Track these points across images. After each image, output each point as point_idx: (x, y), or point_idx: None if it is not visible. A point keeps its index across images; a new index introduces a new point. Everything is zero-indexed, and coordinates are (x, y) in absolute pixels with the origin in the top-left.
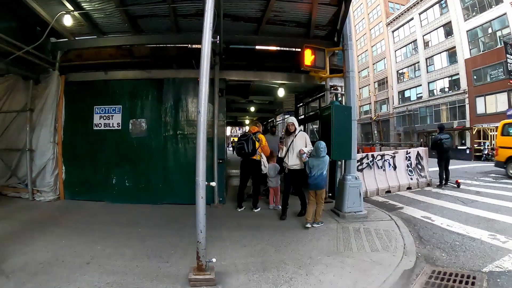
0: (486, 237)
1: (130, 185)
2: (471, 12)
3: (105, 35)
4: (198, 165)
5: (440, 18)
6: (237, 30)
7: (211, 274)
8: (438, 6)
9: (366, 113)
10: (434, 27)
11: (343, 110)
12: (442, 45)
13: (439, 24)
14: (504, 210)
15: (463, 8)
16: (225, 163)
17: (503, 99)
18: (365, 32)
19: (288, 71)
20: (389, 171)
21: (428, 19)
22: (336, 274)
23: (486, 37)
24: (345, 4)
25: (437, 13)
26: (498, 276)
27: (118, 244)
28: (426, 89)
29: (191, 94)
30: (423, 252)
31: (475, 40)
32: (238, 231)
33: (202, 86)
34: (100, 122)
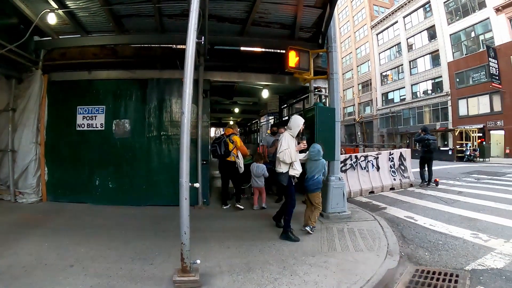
0: (468, 236)
1: (113, 187)
2: (455, 16)
3: (89, 34)
4: (181, 166)
5: (424, 22)
6: (222, 31)
7: (195, 275)
8: (422, 10)
9: (350, 115)
10: (418, 30)
11: (327, 111)
12: (426, 48)
13: (423, 27)
14: (486, 209)
15: (447, 12)
16: (209, 164)
17: (485, 101)
18: (349, 35)
19: (272, 72)
20: (372, 172)
21: (412, 23)
22: (320, 274)
23: (469, 41)
24: (330, 6)
25: (421, 16)
26: (481, 274)
27: (102, 246)
28: (410, 91)
29: (175, 94)
30: (406, 252)
31: (458, 44)
32: (223, 232)
33: (186, 87)
34: (84, 122)
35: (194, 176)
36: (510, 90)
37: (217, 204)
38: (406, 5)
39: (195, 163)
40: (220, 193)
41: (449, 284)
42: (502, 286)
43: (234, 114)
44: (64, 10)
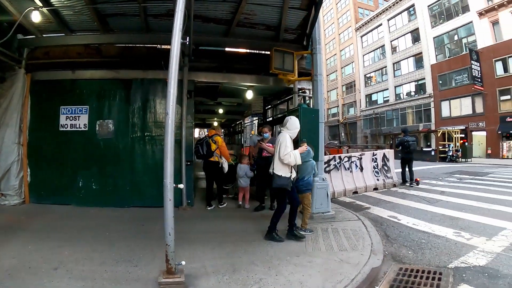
0: (451, 234)
1: (97, 188)
2: (438, 19)
3: (74, 33)
4: (165, 167)
5: (408, 25)
6: (207, 32)
7: (180, 277)
8: (407, 13)
9: (334, 116)
10: (402, 33)
11: (311, 112)
12: (409, 50)
13: (407, 30)
14: (468, 208)
15: (431, 15)
16: (193, 165)
17: (467, 103)
18: (334, 37)
19: (257, 73)
20: (356, 172)
21: (396, 25)
22: (305, 273)
23: (452, 44)
24: (315, 9)
25: (405, 19)
26: (464, 272)
27: (86, 248)
28: (393, 93)
29: (159, 95)
30: (390, 251)
31: (441, 47)
32: (207, 233)
33: (170, 87)
34: (67, 122)
35: (178, 177)
36: (492, 92)
37: (201, 205)
38: (390, 8)
39: (179, 164)
40: (205, 194)
41: (433, 281)
42: (485, 283)
43: (219, 115)
44: (48, 8)
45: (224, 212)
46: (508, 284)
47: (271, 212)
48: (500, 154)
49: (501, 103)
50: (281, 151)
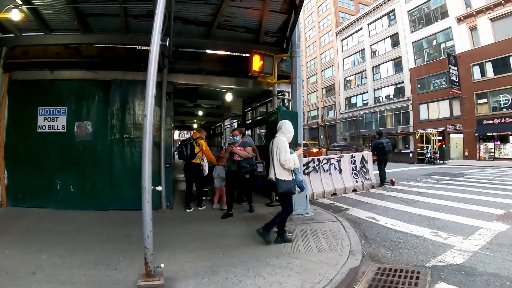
0: (428, 234)
1: (75, 191)
2: (418, 24)
3: (53, 32)
4: (144, 169)
5: (388, 29)
6: (188, 33)
7: (160, 279)
8: (387, 17)
9: (313, 118)
10: (381, 37)
11: (289, 115)
12: (389, 54)
13: (386, 34)
14: (445, 208)
15: (410, 20)
16: (172, 167)
17: (445, 106)
18: (315, 40)
19: (236, 76)
20: (335, 174)
21: (376, 30)
22: (284, 275)
23: (431, 49)
24: (295, 12)
25: (385, 24)
26: (441, 270)
27: (65, 252)
28: (372, 96)
29: (138, 96)
30: (368, 251)
31: (420, 51)
32: (187, 236)
33: (148, 89)
34: (45, 124)
35: (157, 180)
36: (469, 95)
37: (180, 208)
38: (371, 12)
39: (158, 166)
40: (184, 196)
41: (411, 280)
42: (462, 281)
43: (198, 117)
44: (28, 6)
45: (203, 215)
46: (485, 281)
47: (250, 215)
48: (477, 155)
49: (478, 107)
50: (281, 156)
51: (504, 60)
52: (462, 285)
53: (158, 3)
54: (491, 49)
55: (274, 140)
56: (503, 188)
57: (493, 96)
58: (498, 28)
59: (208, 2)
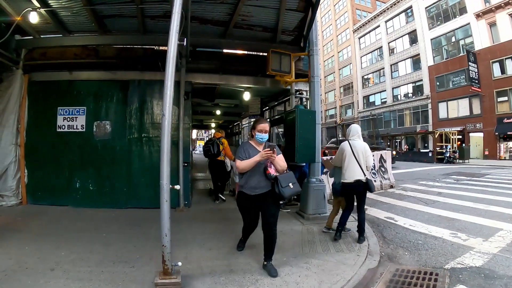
0: (447, 235)
1: (94, 189)
2: (436, 21)
3: (71, 34)
4: (162, 168)
5: (405, 26)
6: (205, 33)
7: (177, 277)
8: (404, 14)
9: (331, 117)
10: (399, 34)
11: (308, 114)
12: (407, 52)
13: (404, 32)
14: (465, 209)
15: (428, 17)
16: (190, 166)
17: (465, 104)
18: (332, 38)
19: (254, 75)
20: None
21: (394, 27)
22: (301, 275)
23: (450, 46)
24: (312, 10)
25: (403, 21)
26: (460, 272)
27: (83, 249)
28: (391, 94)
29: (156, 96)
30: (386, 252)
31: (438, 48)
32: (204, 234)
33: (167, 88)
34: (64, 124)
35: (175, 178)
36: (489, 93)
37: (198, 206)
38: (388, 9)
39: (177, 165)
40: (208, 192)
41: (429, 282)
42: (481, 284)
43: (216, 116)
44: (46, 9)
45: (221, 214)
46: (505, 284)
47: None
48: (497, 155)
49: (498, 105)
50: (369, 160)
51: None
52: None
53: (175, 4)
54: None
55: (355, 143)
56: None
57: None
58: None
59: (224, 2)
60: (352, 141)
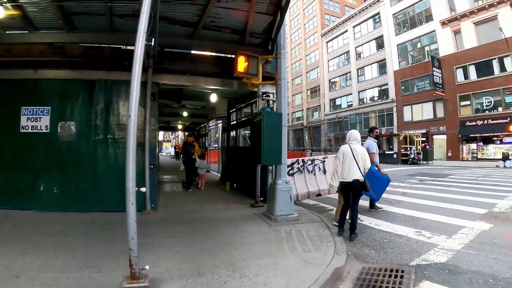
0: (412, 234)
1: (59, 192)
2: (402, 27)
3: (38, 30)
4: (127, 170)
5: (373, 32)
6: (173, 34)
7: (145, 281)
8: (372, 20)
9: (298, 119)
10: (366, 40)
11: (274, 116)
12: (373, 57)
13: (371, 37)
14: (429, 208)
15: (395, 23)
16: (156, 168)
17: (429, 108)
18: (300, 42)
19: (221, 77)
20: (319, 175)
21: (361, 32)
22: (269, 275)
23: (415, 51)
24: (280, 14)
25: (370, 27)
26: (425, 269)
27: (48, 255)
28: (357, 97)
29: (123, 97)
30: (353, 251)
31: (404, 54)
32: (171, 237)
33: (133, 89)
34: (28, 124)
35: (141, 181)
36: (452, 97)
37: (165, 209)
38: (356, 15)
39: (143, 168)
40: (183, 183)
41: (395, 279)
42: (446, 279)
43: (183, 118)
44: (13, 3)
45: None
46: (468, 279)
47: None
48: (460, 156)
49: (461, 108)
50: (367, 163)
51: (487, 63)
52: (446, 283)
53: (144, 3)
54: (475, 52)
55: (356, 147)
56: (485, 188)
57: (476, 98)
58: (481, 32)
59: (194, 3)
60: (353, 145)
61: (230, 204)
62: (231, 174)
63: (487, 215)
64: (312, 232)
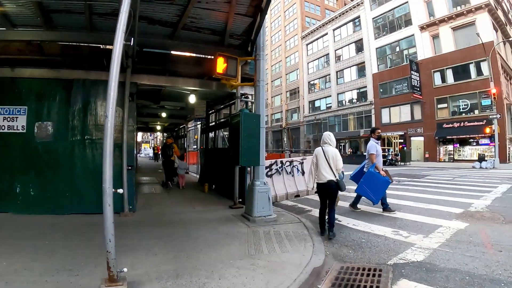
0: (389, 233)
1: (35, 194)
2: (382, 31)
3: (16, 27)
4: (104, 171)
5: (352, 35)
6: (152, 34)
7: (123, 284)
8: (352, 24)
9: (277, 121)
10: (346, 43)
11: (252, 117)
12: (352, 59)
13: (351, 40)
14: (406, 208)
15: (375, 27)
16: (135, 170)
17: (406, 110)
18: (280, 44)
19: (200, 77)
20: (298, 176)
21: (341, 35)
22: (248, 276)
23: (394, 55)
24: (260, 16)
25: (350, 30)
26: (403, 267)
27: (26, 258)
28: (336, 99)
29: (101, 97)
30: (331, 251)
31: (383, 57)
32: (150, 240)
33: (110, 89)
34: (4, 124)
35: (119, 182)
36: (430, 100)
37: (143, 211)
38: (337, 18)
39: (120, 169)
40: (162, 183)
41: (373, 278)
42: (423, 277)
43: (162, 119)
44: None
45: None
46: (445, 276)
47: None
48: (437, 158)
49: (438, 111)
50: (338, 163)
51: (464, 67)
52: (423, 281)
53: (123, 2)
54: (452, 56)
55: (328, 149)
56: (461, 188)
57: (453, 101)
58: (459, 36)
59: (174, 3)
60: (325, 147)
61: (209, 206)
62: (210, 175)
63: (463, 215)
64: (291, 233)
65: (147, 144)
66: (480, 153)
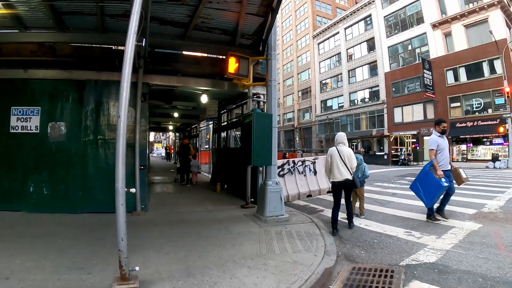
0: (402, 234)
1: (48, 193)
2: (394, 29)
3: (28, 29)
4: (117, 171)
5: (364, 34)
6: (164, 34)
7: (135, 283)
8: (363, 22)
9: (289, 121)
10: (358, 41)
11: (264, 117)
12: (364, 58)
13: (362, 39)
14: (418, 209)
15: (387, 25)
16: (147, 169)
17: (419, 109)
18: (292, 43)
19: (212, 77)
20: (310, 176)
21: (352, 34)
22: (259, 276)
23: (406, 53)
24: (271, 15)
25: (361, 29)
26: (415, 268)
27: (38, 257)
28: (348, 99)
29: (113, 97)
30: (343, 251)
31: (395, 56)
32: (161, 239)
33: (123, 90)
34: (18, 124)
35: (131, 182)
36: (442, 99)
37: (155, 210)
38: (348, 17)
39: (133, 169)
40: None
41: (385, 279)
42: (435, 279)
43: (174, 119)
44: (3, 2)
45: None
46: (458, 278)
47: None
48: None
49: (451, 110)
50: (353, 162)
51: (477, 65)
52: (436, 282)
53: (135, 3)
54: (465, 54)
55: (343, 148)
56: (475, 189)
57: (466, 100)
58: (471, 34)
59: (185, 3)
60: (340, 147)
61: (220, 205)
62: (222, 175)
63: (476, 215)
64: (303, 233)
65: (159, 144)
66: (493, 153)
